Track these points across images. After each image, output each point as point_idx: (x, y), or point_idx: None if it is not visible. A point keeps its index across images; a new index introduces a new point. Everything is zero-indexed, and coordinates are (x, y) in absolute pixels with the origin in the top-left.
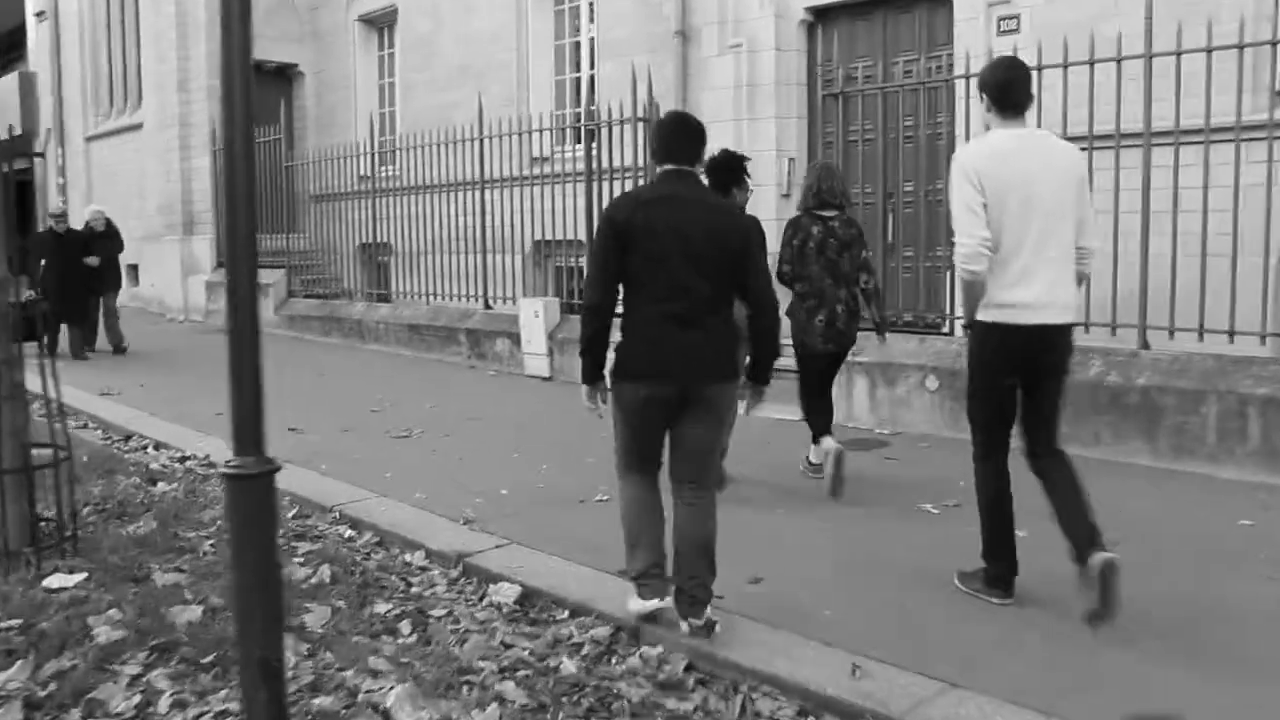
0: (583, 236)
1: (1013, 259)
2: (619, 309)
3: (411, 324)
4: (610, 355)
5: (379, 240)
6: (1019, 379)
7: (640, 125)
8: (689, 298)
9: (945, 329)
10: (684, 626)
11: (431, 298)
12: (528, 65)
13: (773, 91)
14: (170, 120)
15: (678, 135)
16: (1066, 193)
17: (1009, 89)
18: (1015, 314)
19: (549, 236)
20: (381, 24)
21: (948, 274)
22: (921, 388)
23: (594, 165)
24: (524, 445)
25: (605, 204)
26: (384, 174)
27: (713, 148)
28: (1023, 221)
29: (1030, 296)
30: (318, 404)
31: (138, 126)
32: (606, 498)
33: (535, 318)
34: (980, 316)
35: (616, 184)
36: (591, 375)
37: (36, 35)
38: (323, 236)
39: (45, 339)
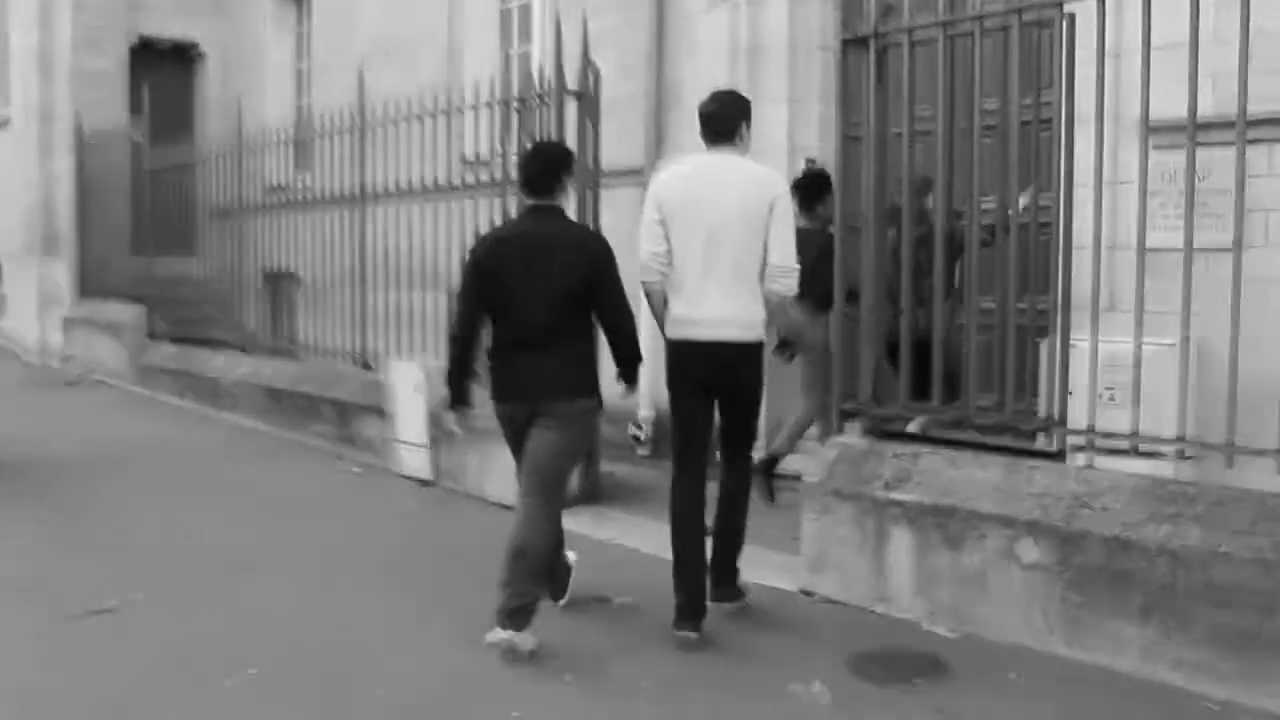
0: None
1: (687, 278)
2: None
3: (271, 387)
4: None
5: (285, 269)
6: (709, 397)
7: (576, 101)
8: (537, 327)
9: (1050, 445)
10: (494, 636)
11: (320, 353)
12: (462, 36)
13: (784, 61)
14: (33, 112)
15: (531, 167)
16: (742, 216)
17: (709, 120)
18: (690, 330)
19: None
20: None
21: (1052, 344)
22: (1010, 559)
23: (508, 162)
24: (284, 648)
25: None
26: (298, 183)
27: (697, 142)
28: (694, 242)
29: (702, 314)
30: (45, 530)
31: (6, 122)
32: None
33: (413, 391)
34: (667, 333)
35: None
36: (454, 399)
37: None
38: (226, 262)
39: None
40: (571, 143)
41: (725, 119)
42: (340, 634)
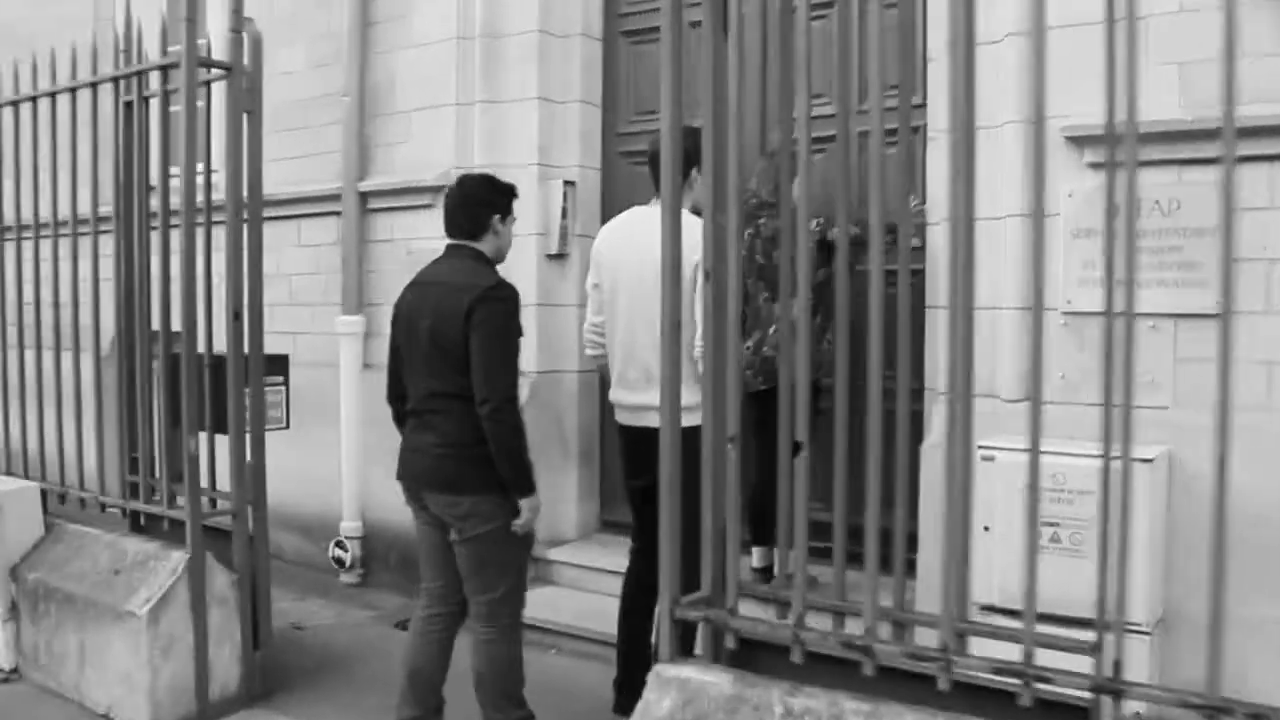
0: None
1: (615, 354)
2: None
3: None
4: None
5: None
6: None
7: (219, 85)
8: (420, 394)
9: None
10: None
11: None
12: (115, 17)
13: (534, 47)
14: None
15: (448, 203)
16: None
17: (650, 162)
18: (619, 414)
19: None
20: None
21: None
22: None
23: (135, 171)
24: None
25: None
26: None
27: (417, 155)
28: (618, 313)
29: (622, 395)
30: None
31: None
32: None
33: None
34: None
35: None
36: None
37: None
38: None
39: None
40: (219, 144)
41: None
42: None
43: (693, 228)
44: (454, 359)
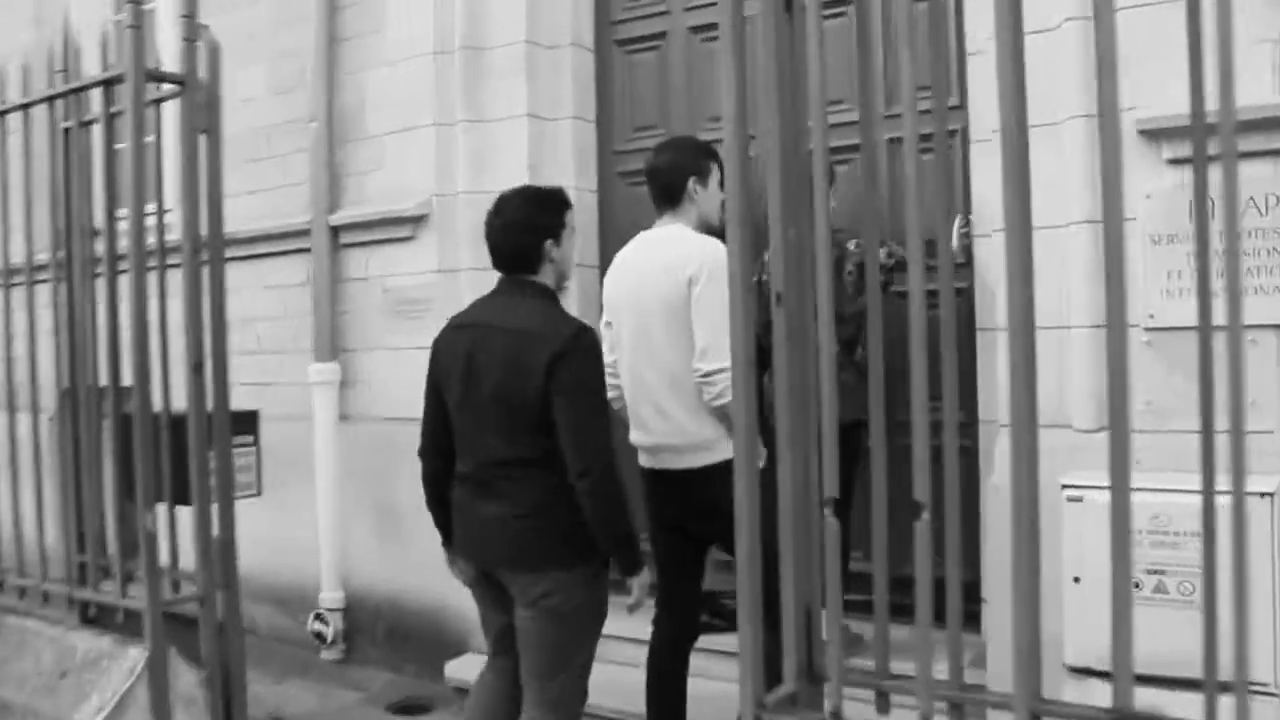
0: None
1: (626, 391)
2: None
3: None
4: None
5: None
6: (675, 534)
7: (170, 107)
8: (482, 456)
9: None
10: None
11: None
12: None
13: (520, 60)
14: None
15: (488, 233)
16: (663, 311)
17: (648, 178)
18: (640, 457)
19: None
20: None
21: None
22: None
23: (74, 203)
24: None
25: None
26: None
27: (393, 182)
28: (622, 343)
29: (638, 436)
30: None
31: None
32: None
33: None
34: None
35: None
36: (443, 534)
37: None
38: None
39: None
40: (172, 172)
41: (667, 175)
42: None
43: (685, 239)
44: (530, 420)
